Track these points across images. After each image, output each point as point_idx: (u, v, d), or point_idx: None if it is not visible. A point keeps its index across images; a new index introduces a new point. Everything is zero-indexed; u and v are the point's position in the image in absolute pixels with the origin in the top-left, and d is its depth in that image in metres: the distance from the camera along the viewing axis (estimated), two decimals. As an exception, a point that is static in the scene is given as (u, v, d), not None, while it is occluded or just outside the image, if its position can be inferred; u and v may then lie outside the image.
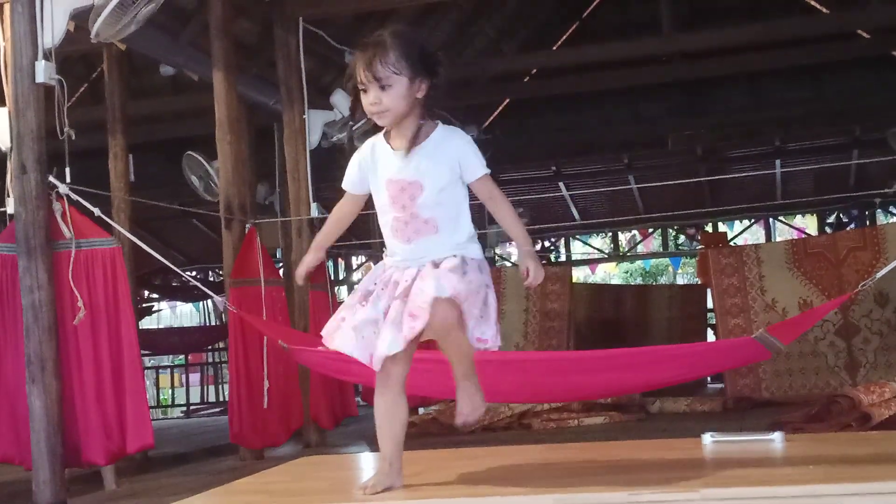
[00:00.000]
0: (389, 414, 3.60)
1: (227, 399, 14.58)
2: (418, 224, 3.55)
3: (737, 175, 16.81)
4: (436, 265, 3.50)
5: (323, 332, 3.62)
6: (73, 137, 7.08)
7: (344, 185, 3.75)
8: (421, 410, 11.69)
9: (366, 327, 3.48)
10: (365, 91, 3.52)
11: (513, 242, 19.50)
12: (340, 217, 3.86)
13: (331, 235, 3.92)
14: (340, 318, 3.56)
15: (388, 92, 3.49)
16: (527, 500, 3.07)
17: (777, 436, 4.02)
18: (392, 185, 3.57)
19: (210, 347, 20.21)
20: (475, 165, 3.62)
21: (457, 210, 3.59)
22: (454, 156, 3.59)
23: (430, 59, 3.56)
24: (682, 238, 21.37)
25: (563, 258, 20.62)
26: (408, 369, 3.59)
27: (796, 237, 18.35)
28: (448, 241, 3.55)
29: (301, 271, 3.84)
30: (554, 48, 15.89)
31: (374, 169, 3.64)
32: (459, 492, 3.31)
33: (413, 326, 3.38)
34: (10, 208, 6.95)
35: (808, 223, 20.36)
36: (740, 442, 4.10)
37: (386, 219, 3.61)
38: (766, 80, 15.82)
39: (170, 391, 22.09)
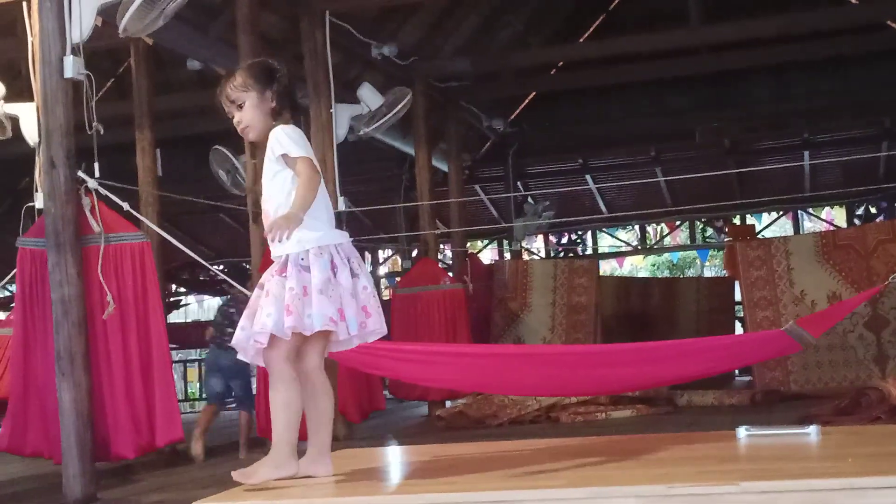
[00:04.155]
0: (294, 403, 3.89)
1: (253, 393, 14.59)
2: (265, 215, 3.93)
3: (764, 167, 16.72)
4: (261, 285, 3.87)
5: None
6: (102, 132, 7.09)
7: None
8: (448, 404, 11.71)
9: None
10: (231, 117, 3.97)
11: (538, 236, 19.54)
12: None
13: None
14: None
15: (244, 109, 3.93)
16: (564, 494, 3.05)
17: (813, 429, 3.98)
18: None
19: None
20: (276, 147, 3.88)
21: (285, 199, 3.85)
22: (269, 146, 3.91)
23: (274, 73, 3.97)
24: (709, 231, 21.27)
25: (589, 251, 20.55)
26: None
27: (825, 229, 18.25)
28: None
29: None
30: (580, 41, 15.84)
31: None
32: (495, 484, 3.29)
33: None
34: (39, 203, 6.97)
35: (837, 215, 20.23)
36: (775, 435, 4.07)
37: None
38: (794, 71, 15.71)
39: (197, 385, 22.13)
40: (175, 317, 20.39)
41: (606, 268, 20.47)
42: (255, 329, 3.76)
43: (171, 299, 18.91)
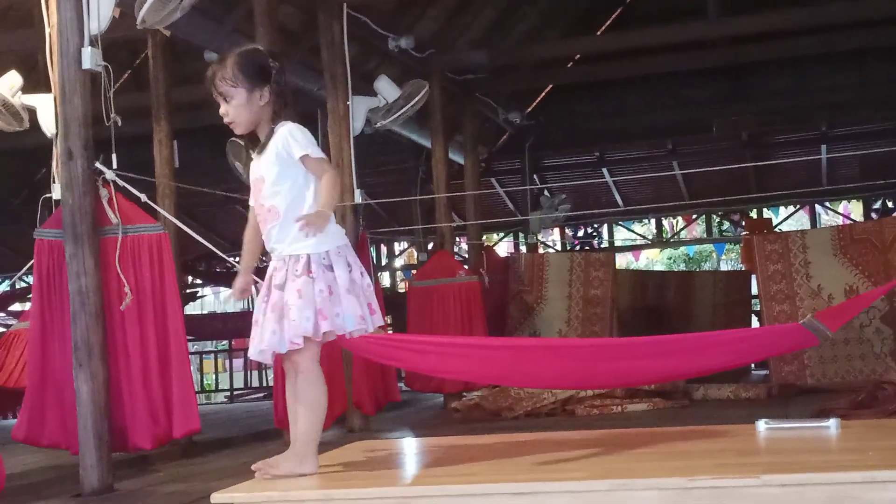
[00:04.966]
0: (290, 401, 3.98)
1: (270, 384, 14.61)
2: (264, 213, 3.95)
3: (782, 161, 16.67)
4: (278, 285, 3.85)
5: None
6: (120, 124, 7.09)
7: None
8: (464, 396, 11.70)
9: (253, 327, 3.97)
10: (219, 107, 3.97)
11: (555, 229, 19.52)
12: (249, 233, 4.17)
13: (252, 255, 4.22)
14: None
15: (232, 103, 3.93)
16: (585, 486, 3.04)
17: (833, 422, 3.96)
18: (251, 185, 4.05)
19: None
20: (295, 148, 3.89)
21: (299, 196, 3.90)
22: (280, 145, 3.90)
23: (267, 69, 3.91)
24: (726, 224, 21.23)
25: (606, 244, 20.53)
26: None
27: (842, 223, 18.19)
28: (292, 225, 3.86)
29: (237, 295, 4.21)
30: (598, 33, 15.81)
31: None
32: (516, 476, 3.28)
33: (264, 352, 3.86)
34: (56, 194, 6.98)
35: (854, 209, 20.17)
36: (795, 429, 4.05)
37: None
38: (812, 64, 15.67)
39: (213, 376, 22.20)
40: (191, 308, 20.43)
41: (622, 261, 20.41)
42: (293, 332, 3.76)
43: (188, 291, 18.93)
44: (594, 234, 20.85)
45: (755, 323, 15.67)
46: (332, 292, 3.80)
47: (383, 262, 21.14)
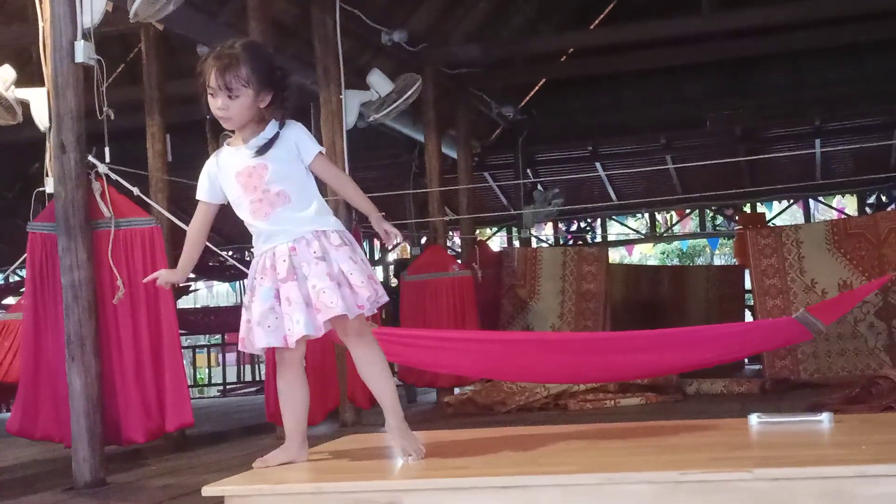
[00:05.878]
0: (288, 393, 3.96)
1: (262, 378, 14.60)
2: (271, 198, 3.85)
3: (776, 155, 16.67)
4: (319, 257, 3.80)
5: (239, 340, 3.97)
6: (112, 117, 7.09)
7: (198, 196, 4.03)
8: (456, 391, 11.71)
9: (266, 317, 3.81)
10: (213, 95, 3.82)
11: (548, 223, 19.52)
12: (199, 229, 4.11)
13: (195, 253, 4.19)
14: (246, 321, 3.89)
15: (236, 101, 3.80)
16: (576, 479, 3.04)
17: (825, 416, 3.96)
18: (240, 175, 3.89)
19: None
20: (311, 146, 3.92)
21: (304, 184, 3.91)
22: (291, 140, 3.89)
23: (276, 74, 3.86)
24: (719, 219, 21.24)
25: (599, 239, 20.53)
26: (303, 351, 3.93)
27: (836, 218, 18.20)
28: (304, 207, 3.88)
29: (164, 284, 4.27)
30: (591, 27, 15.80)
31: (221, 172, 3.96)
32: (508, 469, 3.28)
33: (321, 320, 3.75)
34: (49, 188, 6.97)
35: (848, 204, 20.18)
36: (787, 423, 4.05)
37: (243, 209, 3.91)
38: (808, 59, 15.68)
39: (206, 370, 22.19)
40: (184, 302, 20.43)
41: (616, 256, 20.44)
42: (361, 297, 3.78)
43: (181, 285, 18.92)
44: (587, 228, 20.85)
45: (749, 318, 15.68)
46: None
47: (376, 256, 21.13)
